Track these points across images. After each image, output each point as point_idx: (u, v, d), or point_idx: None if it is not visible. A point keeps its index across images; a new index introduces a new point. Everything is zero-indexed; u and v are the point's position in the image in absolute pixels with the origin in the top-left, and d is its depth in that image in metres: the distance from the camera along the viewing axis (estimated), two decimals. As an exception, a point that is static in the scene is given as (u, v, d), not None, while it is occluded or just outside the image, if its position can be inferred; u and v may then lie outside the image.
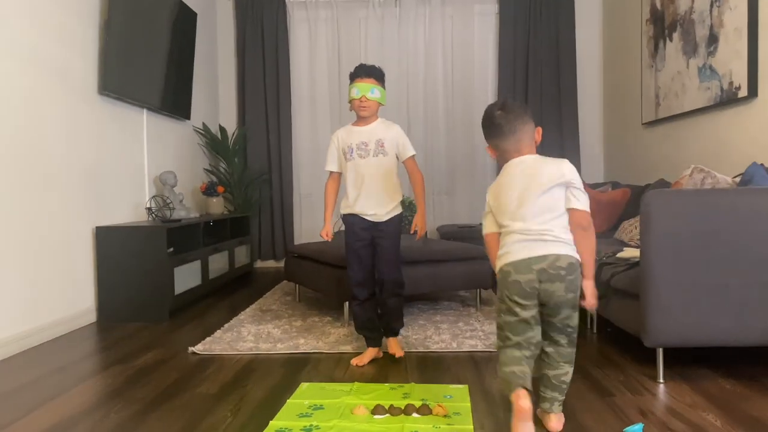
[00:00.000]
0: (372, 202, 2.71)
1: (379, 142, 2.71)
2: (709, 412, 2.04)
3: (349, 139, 2.74)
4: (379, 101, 2.71)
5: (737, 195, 2.33)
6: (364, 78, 2.69)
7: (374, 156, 2.70)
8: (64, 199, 3.46)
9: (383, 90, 2.73)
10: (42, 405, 2.25)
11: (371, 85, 2.67)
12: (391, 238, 2.74)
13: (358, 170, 2.70)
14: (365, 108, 2.69)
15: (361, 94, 2.66)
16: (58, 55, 3.44)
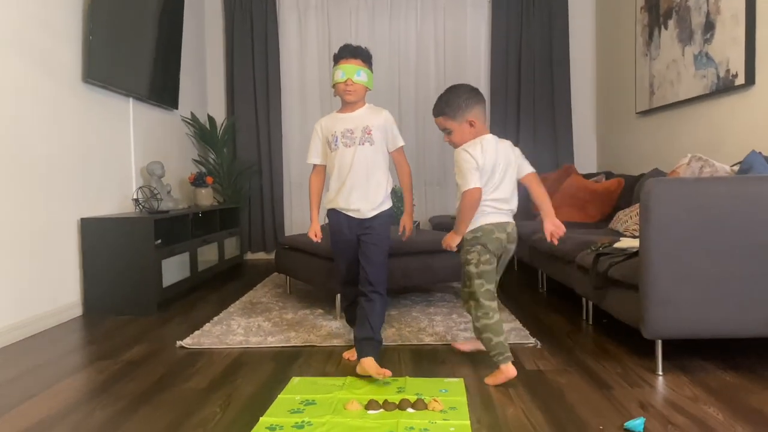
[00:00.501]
0: (355, 196, 2.48)
1: (366, 129, 2.48)
2: (711, 405, 2.00)
3: (334, 126, 2.52)
4: (366, 85, 2.49)
5: (738, 183, 2.29)
6: (350, 59, 2.47)
7: (360, 144, 2.47)
8: (48, 190, 3.36)
9: (370, 73, 2.52)
10: (26, 401, 2.17)
11: (357, 66, 2.45)
12: (378, 237, 2.49)
13: (343, 161, 2.48)
14: (351, 92, 2.46)
15: (347, 76, 2.44)
16: (39, 41, 3.33)
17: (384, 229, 2.52)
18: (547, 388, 2.21)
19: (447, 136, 2.38)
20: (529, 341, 2.80)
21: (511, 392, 2.17)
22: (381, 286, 2.48)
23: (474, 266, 2.32)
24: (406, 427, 1.85)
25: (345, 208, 2.50)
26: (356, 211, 2.49)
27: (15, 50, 3.12)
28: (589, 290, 2.88)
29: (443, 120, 2.37)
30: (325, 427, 1.86)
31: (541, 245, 3.72)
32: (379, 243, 2.50)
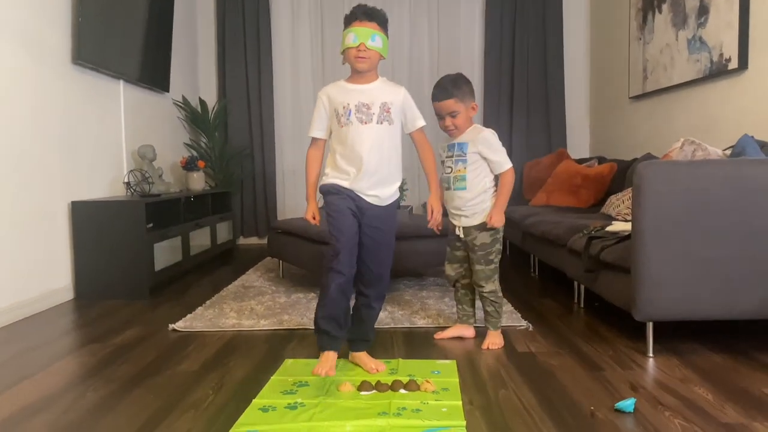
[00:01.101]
0: (374, 181, 2.16)
1: (385, 106, 2.17)
2: (700, 386, 2.02)
3: (346, 97, 2.17)
4: (380, 52, 2.16)
5: (731, 166, 2.29)
6: (365, 21, 2.14)
7: (378, 123, 2.16)
8: (38, 174, 3.33)
9: (386, 39, 2.19)
10: (17, 384, 2.17)
11: (373, 30, 2.13)
12: (389, 229, 2.23)
13: (360, 139, 2.13)
14: (364, 59, 2.14)
15: (360, 41, 2.12)
16: (27, 22, 3.28)
17: (394, 221, 2.26)
18: (539, 370, 2.22)
19: (450, 119, 2.44)
20: (521, 324, 2.82)
21: (503, 374, 2.18)
22: (385, 290, 2.31)
23: (500, 244, 2.53)
24: (399, 407, 1.86)
25: (358, 190, 2.17)
26: (374, 197, 2.18)
27: (2, 32, 3.07)
28: (581, 274, 2.89)
29: (454, 102, 2.43)
30: (318, 408, 1.86)
31: (534, 230, 3.73)
32: (390, 234, 2.25)
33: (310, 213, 2.27)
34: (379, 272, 2.22)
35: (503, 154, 2.48)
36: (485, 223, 2.48)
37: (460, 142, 2.48)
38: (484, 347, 2.48)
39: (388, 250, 2.24)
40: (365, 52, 2.14)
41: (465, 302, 2.65)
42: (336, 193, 2.17)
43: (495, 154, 2.46)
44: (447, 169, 2.52)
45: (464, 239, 2.53)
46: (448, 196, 2.53)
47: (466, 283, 2.63)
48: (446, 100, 2.43)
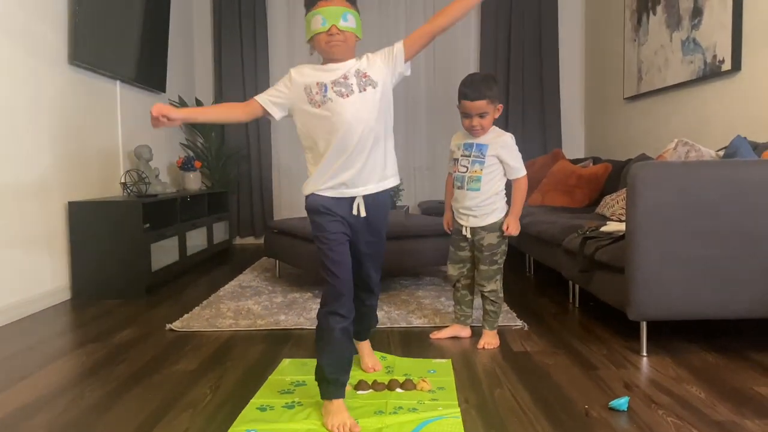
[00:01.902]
0: (368, 167, 1.84)
1: (360, 72, 1.84)
2: (693, 385, 2.04)
3: (318, 75, 1.84)
4: (355, 32, 1.83)
5: (724, 167, 2.31)
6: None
7: (361, 91, 1.81)
8: (34, 174, 3.34)
9: (358, 18, 1.86)
10: (15, 384, 2.18)
11: (343, 8, 1.80)
12: (382, 236, 1.98)
13: (341, 116, 1.78)
14: (337, 44, 1.80)
15: (330, 22, 1.77)
16: (24, 22, 3.29)
17: (386, 221, 1.99)
18: (534, 369, 2.24)
19: (479, 119, 2.42)
20: (517, 323, 2.84)
21: (498, 373, 2.20)
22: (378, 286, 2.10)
23: (506, 245, 2.56)
24: (395, 406, 1.88)
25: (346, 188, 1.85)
26: (363, 190, 1.86)
27: (0, 31, 3.08)
28: (576, 274, 2.91)
29: (486, 103, 2.41)
30: (315, 407, 1.88)
31: (529, 229, 3.75)
32: (384, 242, 2.01)
33: (156, 109, 1.78)
34: (379, 275, 2.06)
35: (520, 161, 2.50)
36: (494, 224, 2.50)
37: (480, 143, 2.47)
38: (480, 347, 2.50)
39: (382, 253, 2.03)
40: (339, 35, 1.79)
41: (464, 303, 2.67)
42: (326, 213, 1.85)
43: (514, 160, 2.48)
44: (462, 168, 2.51)
45: (471, 239, 2.55)
46: (460, 195, 2.53)
47: (467, 284, 2.65)
48: (479, 101, 2.40)
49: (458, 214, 2.58)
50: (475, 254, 2.56)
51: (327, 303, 1.82)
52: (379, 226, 1.95)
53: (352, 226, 1.88)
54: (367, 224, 1.90)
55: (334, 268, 1.82)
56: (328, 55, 1.85)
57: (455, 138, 2.59)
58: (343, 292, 1.81)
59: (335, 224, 1.86)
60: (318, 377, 1.83)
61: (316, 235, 1.88)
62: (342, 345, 1.81)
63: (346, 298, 1.82)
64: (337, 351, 1.81)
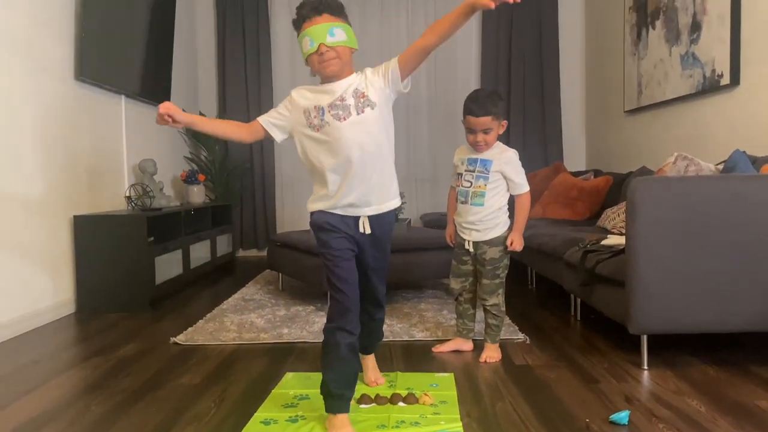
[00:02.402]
0: (370, 188, 1.84)
1: (357, 92, 1.82)
2: (694, 398, 2.05)
3: (315, 100, 1.85)
4: (347, 45, 1.81)
5: (722, 182, 2.34)
6: (314, 18, 1.78)
7: (358, 113, 1.81)
8: (41, 188, 3.37)
9: (349, 27, 1.84)
10: (21, 397, 2.20)
11: (329, 24, 1.78)
12: (388, 249, 2.00)
13: (339, 141, 1.79)
14: (330, 61, 1.79)
15: (317, 41, 1.77)
16: (33, 39, 3.34)
17: (391, 236, 2.01)
18: (535, 382, 2.26)
19: (483, 135, 2.45)
20: (519, 337, 2.85)
21: (500, 386, 2.21)
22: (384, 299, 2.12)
23: (508, 259, 2.59)
24: (398, 420, 1.89)
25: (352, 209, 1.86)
26: (372, 209, 1.88)
27: (7, 47, 3.13)
28: (577, 287, 2.93)
29: (491, 120, 2.44)
30: (319, 420, 1.89)
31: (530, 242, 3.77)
32: (388, 255, 2.03)
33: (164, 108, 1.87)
34: (384, 288, 2.07)
35: (524, 177, 2.53)
36: (496, 238, 2.52)
37: (484, 158, 2.50)
38: (482, 360, 2.52)
39: (387, 266, 2.05)
40: (329, 52, 1.78)
41: (466, 316, 2.69)
42: (331, 230, 1.87)
43: (517, 176, 2.51)
44: (466, 183, 2.53)
45: (473, 253, 2.57)
46: (463, 209, 2.56)
47: (469, 298, 2.67)
48: (484, 117, 2.43)
49: (461, 228, 2.60)
50: (478, 268, 2.58)
51: (333, 319, 1.84)
52: (385, 241, 1.97)
53: (358, 242, 1.90)
54: (373, 240, 1.92)
55: (340, 284, 1.84)
56: (323, 74, 1.85)
57: (459, 152, 2.62)
58: (350, 308, 1.83)
59: (340, 241, 1.87)
60: (323, 392, 1.85)
61: (321, 251, 1.90)
62: (348, 361, 1.83)
63: (353, 315, 1.83)
64: (343, 367, 1.82)
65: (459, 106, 2.51)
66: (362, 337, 1.96)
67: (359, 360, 1.96)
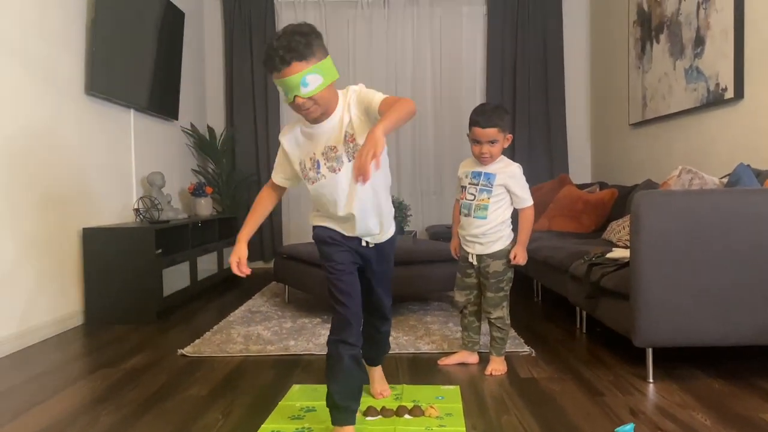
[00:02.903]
0: (371, 226, 1.89)
1: (347, 136, 1.78)
2: (699, 411, 2.06)
3: (308, 147, 1.83)
4: (325, 86, 1.71)
5: (726, 196, 2.36)
6: (283, 70, 1.68)
7: (350, 160, 1.78)
8: (50, 200, 3.42)
9: (324, 65, 1.70)
10: (29, 409, 2.22)
11: (299, 74, 1.66)
12: (391, 259, 2.07)
13: (335, 190, 1.81)
14: (309, 110, 1.74)
15: (291, 95, 1.70)
16: (44, 54, 3.40)
17: (394, 247, 2.06)
18: (540, 395, 2.27)
19: (489, 146, 2.48)
20: (524, 350, 2.86)
21: (505, 399, 2.22)
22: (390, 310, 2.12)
23: (512, 272, 2.61)
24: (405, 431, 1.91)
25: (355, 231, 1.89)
26: (371, 236, 1.93)
27: (19, 62, 3.18)
28: (582, 299, 2.94)
29: (496, 132, 2.47)
30: (325, 433, 1.91)
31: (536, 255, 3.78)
32: (392, 265, 2.08)
33: (235, 257, 1.91)
34: (387, 298, 2.07)
35: (527, 191, 2.56)
36: (499, 251, 2.54)
37: (488, 172, 2.53)
38: (487, 373, 2.53)
39: (389, 278, 2.08)
40: (305, 102, 1.71)
41: (471, 329, 2.70)
42: (334, 244, 1.89)
43: (521, 190, 2.54)
44: (469, 196, 2.56)
45: (477, 266, 2.59)
46: (466, 222, 2.58)
47: (474, 310, 2.68)
48: (490, 129, 2.46)
49: (464, 241, 2.62)
50: (482, 281, 2.60)
51: (335, 331, 1.85)
52: (388, 252, 2.02)
53: (362, 255, 1.94)
54: (377, 253, 1.97)
55: (341, 297, 1.85)
56: (306, 120, 1.81)
57: (463, 165, 2.64)
58: (351, 321, 1.84)
59: (343, 254, 1.89)
60: (329, 404, 1.86)
61: (324, 264, 1.92)
62: (352, 373, 1.83)
63: (354, 327, 1.84)
64: (347, 379, 1.83)
65: (464, 119, 2.54)
66: (368, 349, 2.01)
67: (365, 372, 1.97)
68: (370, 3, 5.97)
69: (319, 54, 1.70)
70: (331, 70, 1.73)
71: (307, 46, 1.67)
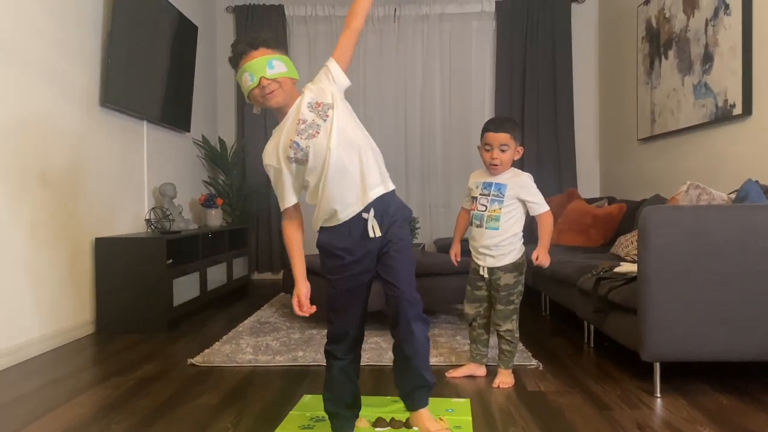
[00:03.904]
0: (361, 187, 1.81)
1: (313, 103, 1.81)
2: (705, 427, 2.06)
3: (282, 139, 1.82)
4: (288, 76, 1.80)
5: (733, 211, 2.37)
6: (251, 53, 1.77)
7: (324, 119, 1.78)
8: (64, 210, 3.47)
9: (287, 59, 1.82)
10: (40, 417, 2.25)
11: (266, 57, 1.76)
12: (403, 240, 1.86)
13: (322, 152, 1.77)
14: (273, 93, 1.77)
15: (257, 76, 1.75)
16: (60, 66, 3.46)
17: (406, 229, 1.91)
18: (548, 408, 2.28)
19: (499, 152, 2.52)
20: (532, 363, 2.87)
21: (513, 412, 2.23)
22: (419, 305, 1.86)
23: (522, 285, 2.62)
24: (412, 443, 1.92)
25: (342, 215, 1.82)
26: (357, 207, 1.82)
27: (36, 75, 3.25)
28: (590, 314, 2.95)
29: (508, 137, 2.53)
30: (334, 443, 1.92)
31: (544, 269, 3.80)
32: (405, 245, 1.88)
33: (296, 297, 1.90)
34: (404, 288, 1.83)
35: (541, 197, 2.58)
36: (510, 264, 2.56)
37: (499, 182, 2.56)
38: (495, 385, 2.54)
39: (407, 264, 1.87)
40: (271, 84, 1.76)
41: (480, 342, 2.71)
42: (336, 256, 1.87)
43: (534, 197, 2.57)
44: (481, 207, 2.59)
45: (488, 279, 2.61)
46: (478, 233, 2.60)
47: (483, 323, 2.70)
48: (502, 133, 2.52)
49: (476, 253, 2.64)
50: (492, 294, 2.61)
51: (328, 341, 1.95)
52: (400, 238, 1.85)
53: (371, 251, 1.84)
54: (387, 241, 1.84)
55: (332, 315, 1.92)
56: (269, 107, 1.81)
57: (474, 176, 2.68)
58: (339, 338, 1.90)
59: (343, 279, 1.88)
60: (324, 410, 1.96)
61: (325, 274, 1.95)
62: (339, 382, 1.91)
63: (343, 344, 1.90)
64: (334, 386, 1.92)
65: (473, 133, 2.59)
66: (397, 378, 1.89)
67: (354, 383, 1.94)
68: (381, 18, 6.04)
69: (282, 51, 1.83)
70: (293, 68, 1.83)
71: (274, 41, 1.83)
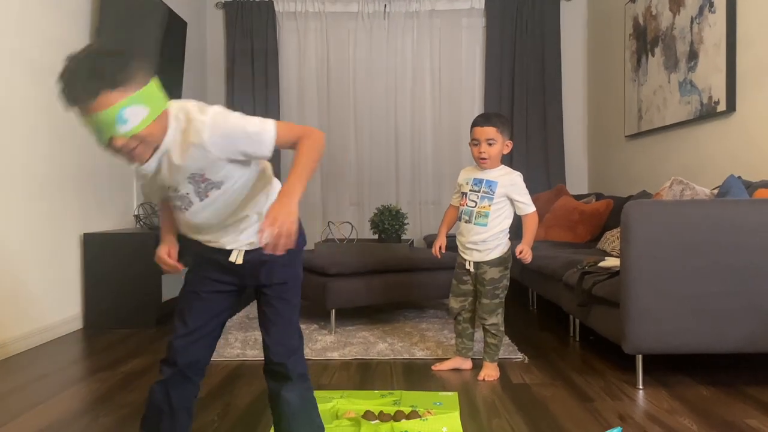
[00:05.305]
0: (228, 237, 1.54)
1: (197, 176, 1.42)
2: (686, 417, 2.10)
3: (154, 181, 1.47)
4: (149, 121, 1.30)
5: (715, 206, 2.41)
6: (90, 104, 1.28)
7: (200, 198, 1.45)
8: (51, 206, 3.47)
9: (148, 89, 1.31)
10: (28, 410, 2.26)
11: (115, 108, 1.25)
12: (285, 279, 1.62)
13: (193, 221, 1.50)
14: (135, 152, 1.33)
15: (106, 136, 1.29)
16: (46, 60, 3.45)
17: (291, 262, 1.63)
18: (532, 400, 2.31)
19: (487, 146, 2.55)
20: (517, 356, 2.90)
21: (497, 404, 2.26)
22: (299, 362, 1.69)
23: (507, 280, 2.66)
24: (402, 430, 1.95)
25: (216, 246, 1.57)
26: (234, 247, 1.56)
27: (20, 68, 3.24)
28: (575, 307, 2.98)
29: (495, 131, 2.55)
30: (320, 434, 1.94)
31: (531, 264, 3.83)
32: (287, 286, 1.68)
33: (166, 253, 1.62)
34: (278, 336, 1.63)
35: (529, 198, 2.62)
36: (496, 259, 2.59)
37: (490, 179, 2.59)
38: (480, 378, 2.57)
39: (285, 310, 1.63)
40: (127, 143, 1.30)
41: (465, 336, 2.74)
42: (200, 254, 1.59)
43: (522, 197, 2.60)
44: (470, 203, 2.61)
45: (474, 273, 2.64)
46: (466, 229, 2.63)
47: (468, 317, 2.73)
48: (488, 126, 2.55)
49: (462, 248, 2.67)
50: (478, 288, 2.64)
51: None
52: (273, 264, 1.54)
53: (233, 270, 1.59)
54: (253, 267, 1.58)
55: (178, 314, 1.69)
56: (134, 163, 1.40)
57: (464, 172, 2.70)
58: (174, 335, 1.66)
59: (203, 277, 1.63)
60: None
61: None
62: (155, 410, 1.62)
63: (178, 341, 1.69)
64: (148, 417, 1.63)
65: (462, 129, 2.62)
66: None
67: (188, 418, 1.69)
68: (371, 14, 6.05)
69: (139, 78, 1.29)
70: (156, 98, 1.33)
71: (118, 72, 1.26)
